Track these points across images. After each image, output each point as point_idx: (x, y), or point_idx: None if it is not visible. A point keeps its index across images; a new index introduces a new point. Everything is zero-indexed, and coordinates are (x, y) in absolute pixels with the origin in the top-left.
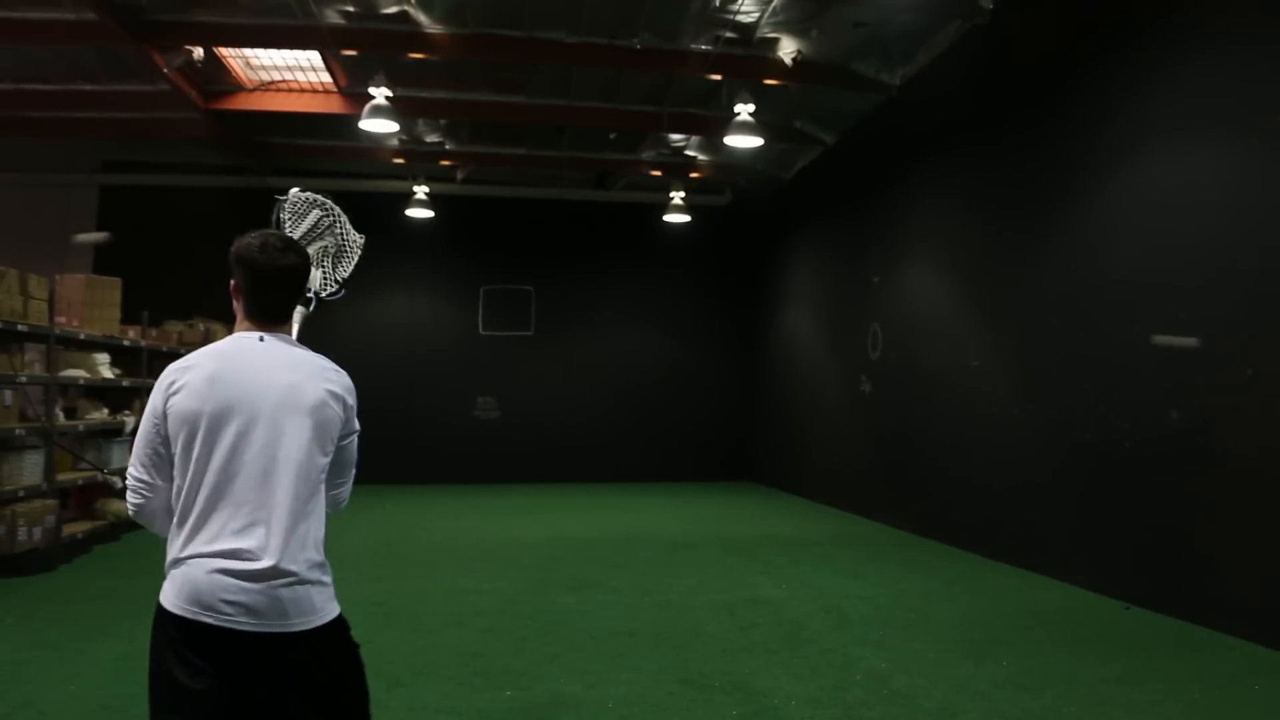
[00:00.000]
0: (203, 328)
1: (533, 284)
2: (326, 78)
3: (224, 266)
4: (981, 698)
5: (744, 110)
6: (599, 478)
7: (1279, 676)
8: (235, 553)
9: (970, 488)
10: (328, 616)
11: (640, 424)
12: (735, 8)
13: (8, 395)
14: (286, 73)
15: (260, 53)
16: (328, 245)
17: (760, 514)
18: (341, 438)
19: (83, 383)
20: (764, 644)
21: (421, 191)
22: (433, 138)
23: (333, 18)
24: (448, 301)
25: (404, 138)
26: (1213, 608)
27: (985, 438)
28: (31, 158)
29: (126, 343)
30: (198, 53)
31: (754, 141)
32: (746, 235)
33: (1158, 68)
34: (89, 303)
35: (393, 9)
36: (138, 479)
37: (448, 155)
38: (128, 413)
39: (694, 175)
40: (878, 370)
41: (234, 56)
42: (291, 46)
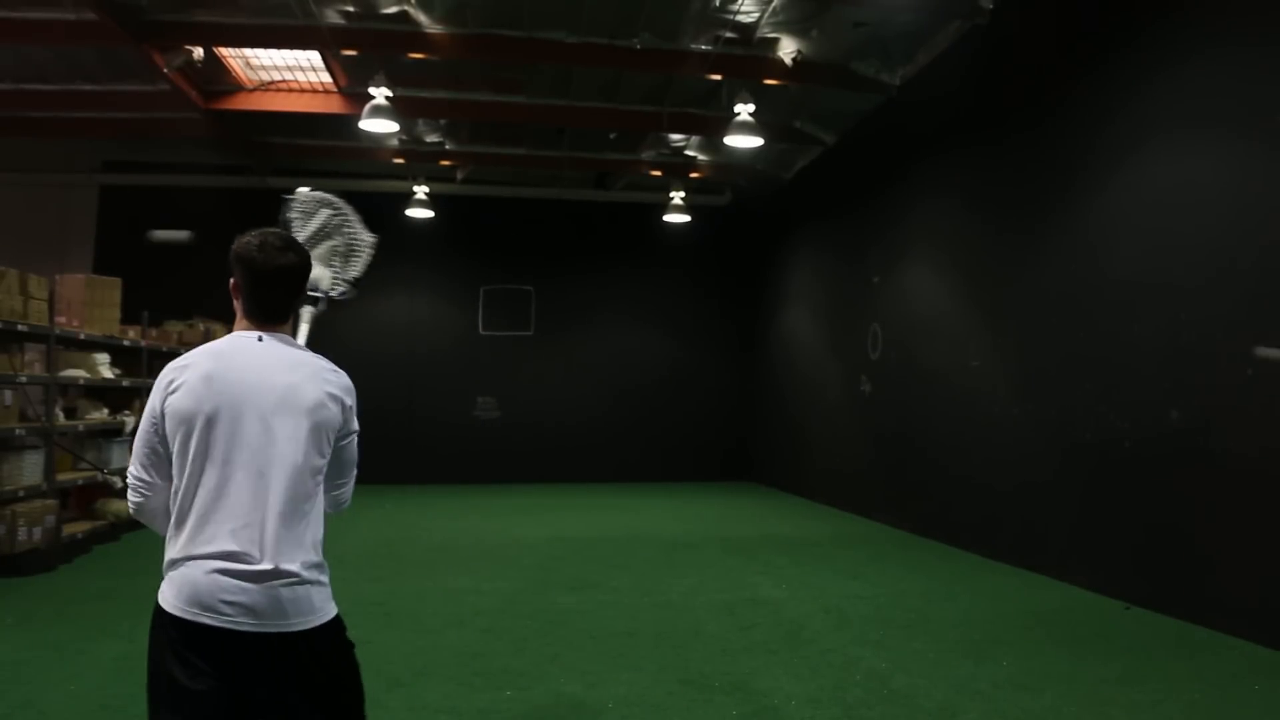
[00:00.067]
0: (203, 328)
1: (533, 284)
2: (326, 78)
3: (224, 266)
4: (981, 698)
5: (744, 110)
6: (599, 478)
7: (1279, 676)
8: (233, 554)
9: (970, 488)
10: (326, 616)
11: (640, 424)
12: (735, 8)
13: (8, 395)
14: (286, 73)
15: (260, 53)
16: (337, 245)
17: (760, 514)
18: (340, 438)
19: (83, 383)
20: (764, 644)
21: (421, 191)
22: (433, 138)
23: (333, 18)
24: (448, 301)
25: (404, 138)
26: (1213, 608)
27: (985, 438)
28: (31, 158)
29: (126, 343)
30: (198, 53)
31: (754, 141)
32: (746, 235)
33: (1158, 68)
34: (89, 303)
35: (393, 9)
36: (137, 478)
37: (448, 155)
38: (128, 413)
39: (694, 175)
40: (878, 370)
41: (234, 56)
42: (291, 46)
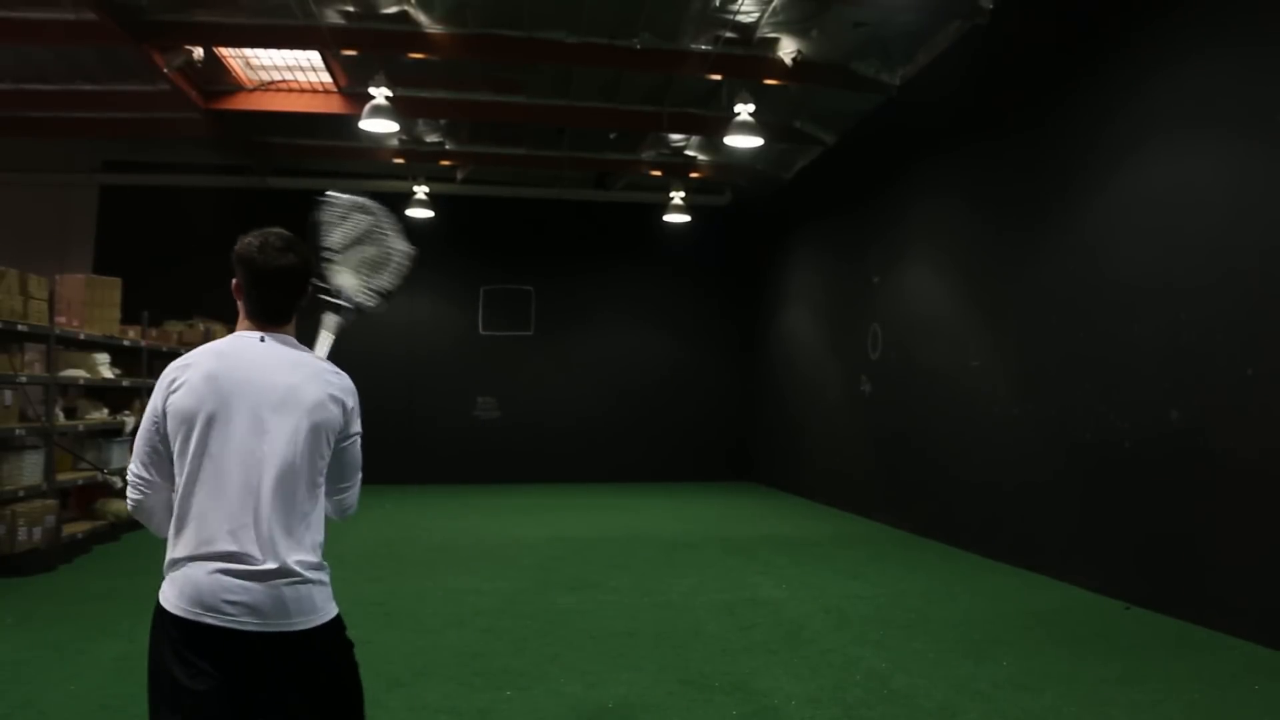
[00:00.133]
0: (203, 328)
1: (533, 284)
2: (326, 78)
3: (224, 266)
4: (981, 698)
5: (744, 110)
6: (599, 478)
7: (1279, 676)
8: (235, 554)
9: (970, 488)
10: (327, 616)
11: (640, 424)
12: (735, 8)
13: (8, 395)
14: (286, 73)
15: (260, 53)
16: (369, 253)
17: (760, 514)
18: (341, 440)
19: (83, 383)
20: (764, 644)
21: (421, 191)
22: (433, 138)
23: (333, 18)
24: (448, 301)
25: (404, 138)
26: (1213, 608)
27: (985, 438)
28: (31, 158)
29: (126, 343)
30: (198, 53)
31: (754, 141)
32: (746, 235)
33: (1158, 68)
34: (89, 303)
35: (393, 9)
36: (137, 475)
37: (448, 155)
38: (128, 413)
39: (694, 175)
40: (878, 370)
41: (234, 56)
42: (291, 46)
